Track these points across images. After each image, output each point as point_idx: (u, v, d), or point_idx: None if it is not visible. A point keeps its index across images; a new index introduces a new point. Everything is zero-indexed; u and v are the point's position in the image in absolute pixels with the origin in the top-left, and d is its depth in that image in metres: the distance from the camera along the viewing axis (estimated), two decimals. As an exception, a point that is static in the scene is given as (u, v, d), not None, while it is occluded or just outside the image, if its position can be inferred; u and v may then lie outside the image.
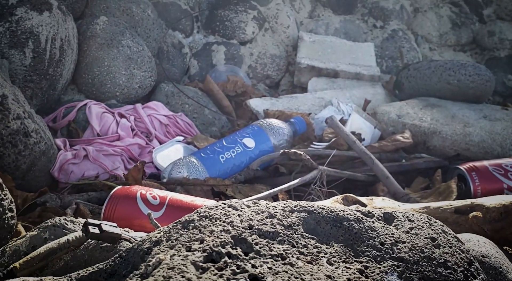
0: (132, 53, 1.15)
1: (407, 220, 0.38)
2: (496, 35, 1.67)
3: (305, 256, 0.32)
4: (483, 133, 0.97)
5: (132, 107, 1.07)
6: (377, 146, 0.99)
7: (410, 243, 0.35)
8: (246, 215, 0.35)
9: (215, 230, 0.33)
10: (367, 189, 0.93)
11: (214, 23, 1.54)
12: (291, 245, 0.33)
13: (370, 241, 0.35)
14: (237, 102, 1.39)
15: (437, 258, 0.34)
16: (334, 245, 0.34)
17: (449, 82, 1.11)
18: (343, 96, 1.34)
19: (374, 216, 0.37)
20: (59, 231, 0.49)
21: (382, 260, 0.33)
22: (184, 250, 0.31)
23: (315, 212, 0.37)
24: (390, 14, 1.69)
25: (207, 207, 0.35)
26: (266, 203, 0.37)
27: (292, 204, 0.37)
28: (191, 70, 1.49)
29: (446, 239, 0.36)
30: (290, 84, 1.60)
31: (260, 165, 0.95)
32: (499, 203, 0.57)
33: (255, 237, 0.33)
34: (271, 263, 0.31)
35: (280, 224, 0.35)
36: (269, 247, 0.32)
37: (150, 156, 0.96)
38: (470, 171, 0.83)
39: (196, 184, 0.82)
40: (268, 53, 1.58)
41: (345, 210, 0.37)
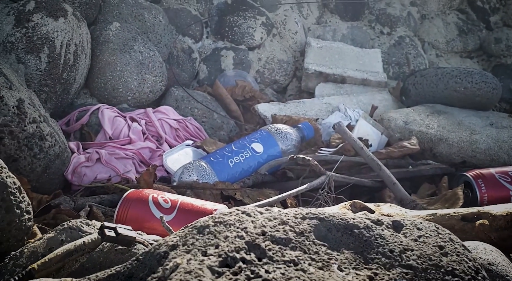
0: (143, 58, 1.17)
1: (416, 228, 0.39)
2: (503, 42, 1.67)
3: (316, 262, 0.34)
4: (489, 141, 0.98)
5: (143, 112, 1.09)
6: (384, 152, 1.00)
7: (419, 251, 0.36)
8: (259, 222, 0.36)
9: (229, 235, 0.34)
10: (374, 195, 0.94)
11: (223, 29, 1.56)
12: (303, 251, 0.34)
13: (380, 249, 0.36)
14: (245, 107, 1.41)
15: (445, 266, 0.35)
16: (344, 252, 0.36)
17: (455, 89, 1.12)
18: (350, 102, 1.35)
19: (383, 224, 0.39)
20: (75, 234, 0.51)
21: (391, 267, 0.35)
22: (200, 255, 0.32)
23: (326, 219, 0.38)
24: (397, 21, 1.71)
25: (221, 213, 0.37)
26: (278, 210, 0.38)
27: (304, 211, 0.38)
28: (200, 75, 1.51)
29: (454, 247, 0.37)
30: (298, 89, 1.61)
31: (268, 169, 0.96)
32: (506, 211, 0.58)
33: (268, 243, 0.34)
34: (284, 268, 0.32)
35: (292, 230, 0.36)
36: (282, 253, 0.34)
37: (161, 160, 0.98)
38: (476, 178, 0.84)
39: (205, 187, 0.84)
40: (276, 59, 1.59)
41: (355, 217, 0.39)
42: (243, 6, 1.57)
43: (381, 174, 0.86)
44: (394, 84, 1.54)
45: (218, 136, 1.23)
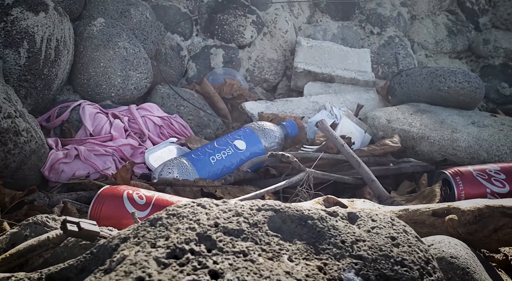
0: (128, 54, 1.17)
1: (370, 219, 0.39)
2: (491, 43, 1.68)
3: (266, 253, 0.34)
4: (470, 139, 0.98)
5: (126, 108, 1.10)
6: (366, 149, 1.00)
7: (370, 241, 0.37)
8: (213, 214, 0.37)
9: (181, 227, 0.35)
10: (355, 192, 0.94)
11: (213, 27, 1.56)
12: (254, 242, 0.35)
13: (332, 239, 0.37)
14: (233, 105, 1.41)
15: (394, 256, 0.36)
16: (297, 242, 0.36)
17: (439, 88, 1.13)
18: (337, 101, 1.35)
19: (338, 215, 0.39)
20: (40, 229, 0.51)
21: (342, 258, 0.35)
22: (149, 247, 0.33)
23: (281, 211, 0.38)
24: (387, 21, 1.71)
25: (176, 205, 0.37)
26: (235, 202, 0.39)
27: (260, 203, 0.39)
28: (189, 73, 1.52)
29: (406, 238, 0.38)
30: (287, 88, 1.62)
31: (251, 166, 0.96)
32: (474, 206, 0.59)
33: (220, 235, 0.35)
34: (233, 259, 0.33)
35: (246, 222, 0.36)
36: (233, 244, 0.34)
37: (143, 157, 0.98)
38: (454, 175, 0.85)
39: (185, 184, 0.84)
40: (266, 57, 1.60)
41: (311, 209, 0.39)
42: (233, 4, 1.58)
43: (360, 171, 0.86)
44: (383, 84, 1.55)
45: (204, 134, 1.23)
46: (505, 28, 1.73)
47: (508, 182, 0.85)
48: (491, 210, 0.58)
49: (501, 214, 0.58)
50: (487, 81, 1.67)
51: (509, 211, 0.58)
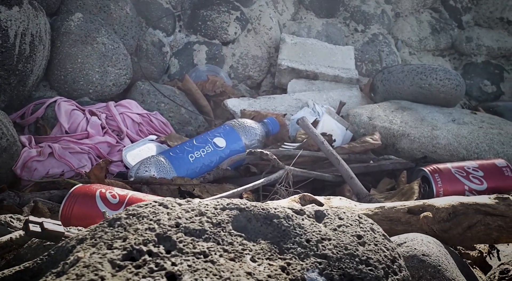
0: (107, 50, 1.15)
1: (337, 217, 0.39)
2: (474, 41, 1.70)
3: (228, 253, 0.33)
4: (449, 137, 0.99)
5: (104, 105, 1.07)
6: (347, 147, 1.00)
7: (336, 240, 0.36)
8: (175, 213, 0.35)
9: (140, 228, 0.33)
10: (335, 189, 0.94)
11: (196, 23, 1.54)
12: (216, 242, 0.34)
13: (297, 238, 0.36)
14: (216, 102, 1.40)
15: (360, 255, 0.35)
16: (261, 242, 0.35)
17: (420, 86, 1.13)
18: (320, 98, 1.35)
19: (304, 214, 0.38)
20: (2, 229, 0.49)
21: (306, 257, 0.34)
22: (104, 248, 0.32)
23: (247, 210, 0.37)
24: (371, 18, 1.71)
25: (136, 205, 0.36)
26: (199, 201, 0.38)
27: (226, 201, 0.38)
28: (171, 69, 1.50)
29: (373, 236, 0.37)
30: (272, 85, 1.61)
31: (231, 164, 0.95)
32: (448, 203, 0.59)
33: (181, 235, 0.34)
34: (192, 260, 0.32)
35: (209, 221, 0.35)
36: (193, 245, 0.33)
37: (121, 155, 0.96)
38: (433, 172, 0.85)
39: (162, 183, 0.83)
40: (250, 54, 1.59)
41: (277, 207, 0.38)
42: (217, 0, 1.56)
43: (340, 168, 0.86)
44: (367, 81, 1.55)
45: (185, 131, 1.21)
46: (488, 26, 1.75)
47: (486, 179, 0.85)
48: (465, 207, 0.58)
49: (474, 211, 0.58)
50: (469, 79, 1.69)
51: (482, 208, 0.58)
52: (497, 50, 1.71)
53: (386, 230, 0.62)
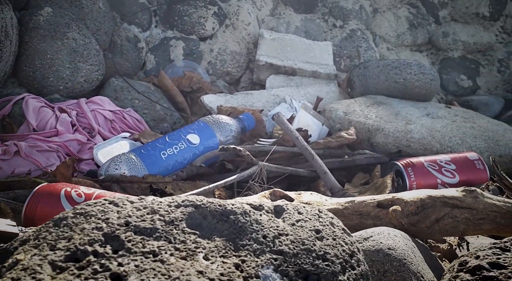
0: (77, 46, 1.12)
1: (297, 212, 0.38)
2: (450, 36, 1.72)
3: (180, 252, 0.32)
4: (423, 131, 0.99)
5: (75, 102, 1.05)
6: (322, 142, 1.00)
7: (293, 235, 0.35)
8: (125, 212, 0.34)
9: (87, 227, 0.32)
10: (310, 184, 0.93)
11: (173, 18, 1.52)
12: (168, 241, 0.32)
13: (253, 234, 0.35)
14: (193, 98, 1.38)
15: (317, 250, 0.34)
16: (216, 239, 0.34)
17: (396, 80, 1.13)
18: (298, 94, 1.34)
19: (263, 209, 0.37)
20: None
21: (261, 254, 0.33)
22: (47, 249, 0.30)
23: (202, 206, 0.36)
24: (349, 14, 1.72)
25: (85, 203, 0.34)
26: (153, 199, 0.36)
27: (180, 199, 0.37)
28: (147, 65, 1.47)
29: (332, 231, 0.37)
30: (251, 81, 1.60)
31: (205, 161, 0.94)
32: (417, 197, 0.59)
33: (130, 234, 0.32)
34: (140, 260, 0.30)
35: (161, 220, 0.34)
36: (143, 244, 0.32)
37: (91, 153, 0.94)
38: (406, 166, 0.85)
39: (133, 181, 0.81)
40: (228, 50, 1.57)
41: (235, 203, 0.37)
42: (193, -5, 1.54)
43: (314, 163, 0.85)
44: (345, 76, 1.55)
45: (161, 128, 1.19)
46: (464, 21, 1.77)
47: (458, 172, 0.86)
48: (433, 200, 0.58)
49: (442, 204, 0.58)
50: (446, 74, 1.71)
51: (450, 201, 0.58)
52: (473, 45, 1.73)
53: (356, 225, 0.62)
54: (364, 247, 0.49)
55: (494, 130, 1.02)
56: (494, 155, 0.97)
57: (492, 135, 1.01)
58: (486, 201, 0.58)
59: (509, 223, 0.56)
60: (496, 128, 1.04)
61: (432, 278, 0.49)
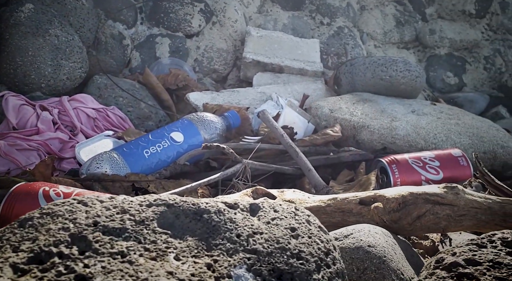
0: (60, 43, 1.09)
1: (273, 210, 0.37)
2: (437, 34, 1.73)
3: (150, 253, 0.31)
4: (408, 127, 0.99)
5: (57, 100, 1.03)
6: (308, 139, 0.99)
7: (268, 234, 0.34)
8: (94, 211, 0.33)
9: (53, 228, 0.31)
10: (296, 182, 0.93)
11: (159, 15, 1.50)
12: (137, 241, 0.32)
13: (227, 233, 0.34)
14: (178, 96, 1.36)
15: (291, 248, 0.33)
16: (188, 239, 0.33)
17: (381, 78, 1.13)
18: (285, 91, 1.34)
19: (238, 208, 0.37)
20: None
21: (235, 253, 0.33)
22: (10, 251, 0.29)
23: (175, 205, 0.35)
24: (336, 11, 1.71)
25: (53, 203, 0.33)
26: (124, 198, 0.35)
27: (153, 198, 0.36)
28: (132, 63, 1.45)
29: (308, 229, 0.36)
30: (238, 79, 1.59)
31: (189, 159, 0.93)
32: (398, 193, 0.59)
33: (98, 234, 0.31)
34: (108, 261, 0.29)
35: (132, 219, 0.33)
36: (111, 245, 0.31)
37: (73, 151, 0.92)
38: (391, 163, 0.85)
39: (115, 180, 0.80)
40: (215, 47, 1.56)
41: (209, 202, 0.36)
42: (179, -8, 1.52)
43: (298, 161, 0.85)
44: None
45: (146, 126, 1.18)
46: (450, 18, 1.78)
47: (442, 169, 0.86)
48: (414, 197, 0.58)
49: (424, 200, 0.58)
50: (433, 71, 1.72)
51: (431, 197, 0.58)
52: (459, 42, 1.75)
53: (339, 222, 0.61)
54: (344, 244, 0.49)
55: (479, 127, 1.03)
56: (478, 152, 0.98)
57: (477, 132, 1.01)
58: (467, 197, 0.58)
59: (489, 219, 0.56)
60: (480, 125, 1.05)
61: (412, 275, 0.49)
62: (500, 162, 1.00)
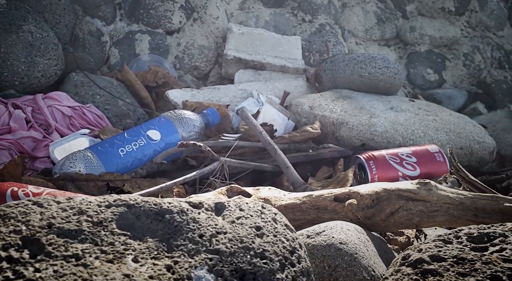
0: (34, 39, 1.06)
1: (238, 209, 0.36)
2: (417, 31, 1.74)
3: (107, 255, 0.30)
4: (386, 124, 1.00)
5: (31, 98, 1.00)
6: (287, 136, 0.99)
7: (232, 233, 0.34)
8: (49, 213, 0.32)
9: (3, 231, 0.30)
10: (275, 179, 0.92)
11: (138, 11, 1.48)
12: (94, 243, 0.30)
13: (189, 234, 0.33)
14: (158, 93, 1.34)
15: (255, 248, 0.33)
16: (148, 240, 0.32)
17: (361, 74, 1.14)
18: (266, 88, 1.33)
19: (202, 207, 0.36)
20: None
21: (196, 254, 0.32)
22: (-45, 254, 0.27)
23: (136, 206, 0.34)
24: (318, 8, 1.71)
25: (5, 204, 0.32)
26: (82, 199, 0.34)
27: (112, 198, 0.34)
28: (111, 60, 1.42)
29: (273, 227, 0.35)
30: (220, 76, 1.57)
31: (167, 158, 0.91)
32: (372, 190, 0.59)
33: (52, 237, 0.30)
34: (60, 265, 0.28)
35: (89, 221, 0.32)
36: (66, 247, 0.30)
37: (47, 150, 0.90)
38: (368, 160, 0.85)
39: (89, 179, 0.78)
40: (196, 44, 1.54)
41: (172, 202, 0.35)
42: (159, -12, 1.50)
43: (276, 158, 0.84)
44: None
45: (124, 125, 1.16)
46: (430, 15, 1.80)
47: (419, 165, 0.87)
48: (388, 193, 0.58)
49: (397, 197, 0.58)
50: (413, 68, 1.73)
51: (404, 193, 0.58)
52: (439, 39, 1.77)
53: (314, 219, 0.61)
54: (316, 242, 0.48)
55: (456, 123, 1.04)
56: (455, 147, 0.99)
57: (454, 128, 1.02)
58: (439, 193, 0.58)
59: (461, 214, 0.57)
60: (457, 121, 1.06)
61: (384, 271, 0.49)
62: (477, 157, 1.02)
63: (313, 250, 0.47)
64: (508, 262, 0.33)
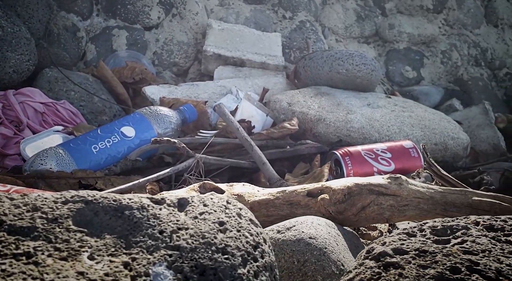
0: (5, 34, 1.03)
1: (202, 204, 0.36)
2: (396, 28, 1.76)
3: (60, 252, 0.29)
4: (363, 120, 1.01)
5: (2, 94, 0.97)
6: (265, 133, 0.99)
7: (194, 229, 0.33)
8: (1, 210, 0.30)
9: (-51, 227, 0.28)
10: (252, 176, 0.92)
11: (116, 6, 1.45)
12: (47, 240, 0.29)
13: (149, 230, 0.32)
14: (136, 90, 1.32)
15: (217, 243, 0.32)
16: (106, 237, 0.31)
17: (338, 71, 1.14)
18: (246, 85, 1.33)
19: (165, 203, 0.35)
20: None
21: (156, 250, 0.31)
22: None
23: (94, 202, 0.33)
24: (298, 5, 1.71)
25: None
26: (36, 195, 0.33)
27: (70, 194, 0.33)
28: (87, 56, 1.39)
29: (237, 222, 0.35)
30: (199, 72, 1.56)
31: (142, 155, 0.90)
32: (344, 185, 0.59)
33: (2, 235, 0.29)
34: (9, 263, 0.27)
35: (43, 217, 0.31)
36: (16, 245, 0.28)
37: (18, 147, 0.87)
38: (344, 155, 0.86)
39: (60, 177, 0.76)
40: (175, 40, 1.52)
41: (133, 198, 0.35)
42: (136, -17, 1.47)
43: (253, 154, 0.84)
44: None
45: (99, 121, 1.14)
46: (409, 13, 1.82)
47: (394, 160, 0.88)
48: (359, 188, 0.58)
49: (368, 191, 0.58)
50: (392, 65, 1.75)
51: (376, 188, 0.58)
52: (417, 37, 1.79)
53: (287, 214, 0.61)
54: (286, 237, 0.48)
55: (431, 119, 1.06)
56: (430, 143, 1.01)
57: (429, 124, 1.04)
58: (410, 187, 0.59)
59: (431, 208, 0.58)
60: (432, 117, 1.08)
61: (354, 265, 0.49)
62: (451, 153, 1.04)
63: (283, 245, 0.47)
64: (468, 254, 0.33)
